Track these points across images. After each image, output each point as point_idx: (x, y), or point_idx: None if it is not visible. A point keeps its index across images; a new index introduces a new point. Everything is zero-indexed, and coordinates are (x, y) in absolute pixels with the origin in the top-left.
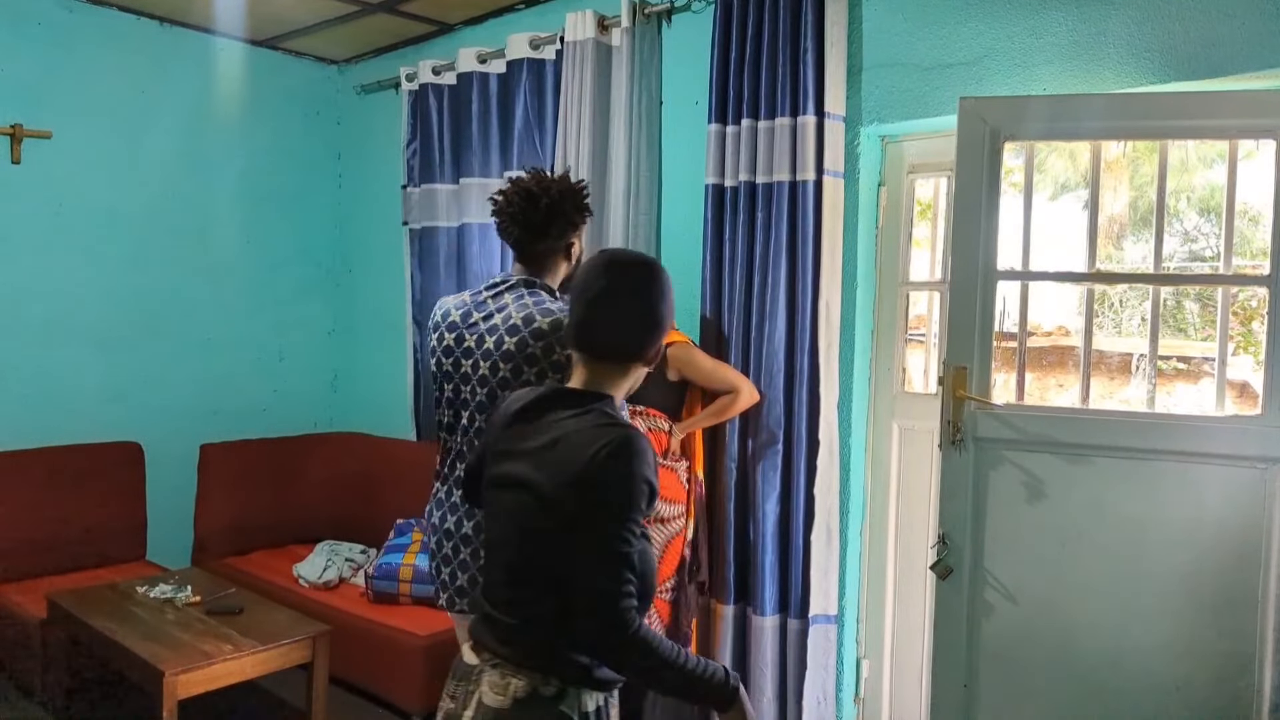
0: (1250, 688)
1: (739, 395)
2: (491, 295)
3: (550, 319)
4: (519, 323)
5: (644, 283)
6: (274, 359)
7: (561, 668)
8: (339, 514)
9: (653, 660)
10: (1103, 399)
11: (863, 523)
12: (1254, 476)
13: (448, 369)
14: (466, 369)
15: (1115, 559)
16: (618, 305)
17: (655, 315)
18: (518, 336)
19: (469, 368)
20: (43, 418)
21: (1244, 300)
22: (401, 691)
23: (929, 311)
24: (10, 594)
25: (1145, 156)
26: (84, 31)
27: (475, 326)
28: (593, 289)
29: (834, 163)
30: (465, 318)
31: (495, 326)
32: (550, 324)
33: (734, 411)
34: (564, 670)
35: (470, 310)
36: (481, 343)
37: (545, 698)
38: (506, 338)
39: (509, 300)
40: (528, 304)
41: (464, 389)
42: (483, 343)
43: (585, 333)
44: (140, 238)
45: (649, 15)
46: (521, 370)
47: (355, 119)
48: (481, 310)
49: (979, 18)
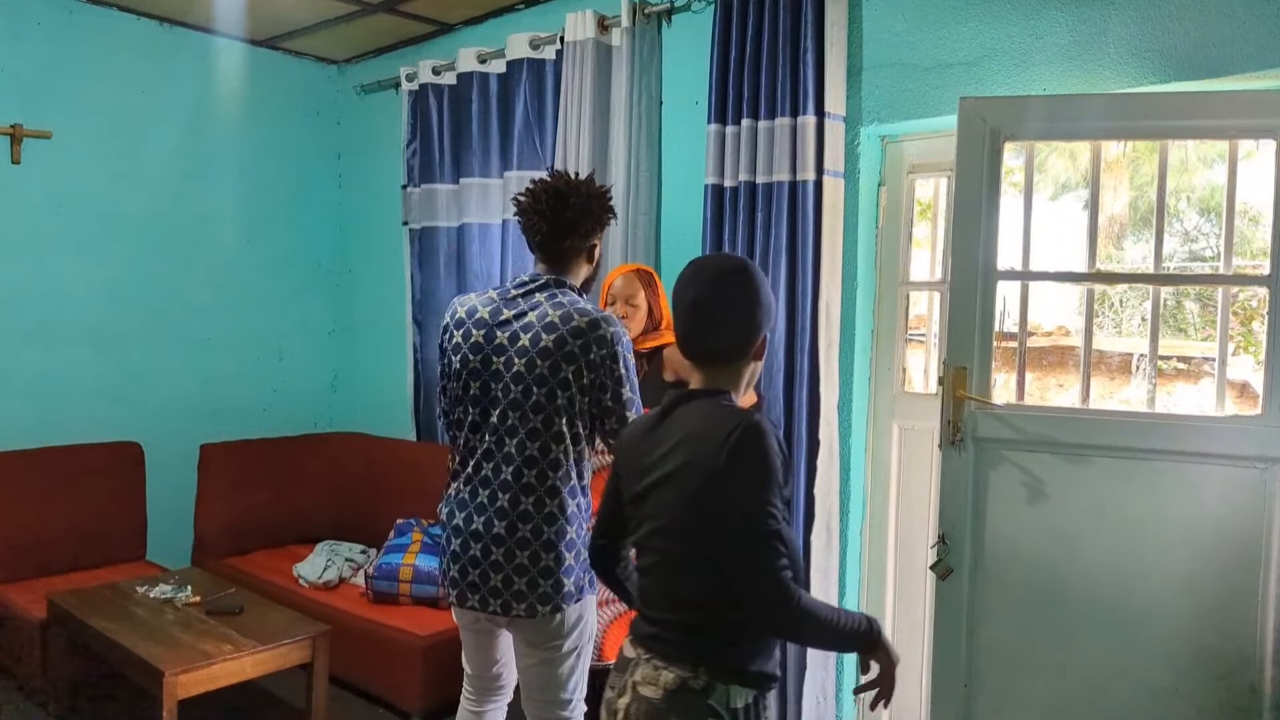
0: (1250, 688)
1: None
2: (522, 294)
3: (588, 319)
4: (556, 320)
5: (732, 286)
6: (274, 359)
7: (710, 662)
8: (339, 514)
9: (816, 625)
10: (1103, 399)
11: (863, 523)
12: (1254, 476)
13: (475, 366)
14: (499, 365)
15: (1115, 559)
16: (713, 313)
17: (749, 316)
18: (556, 334)
19: (501, 364)
20: (43, 418)
21: (1244, 300)
22: (401, 691)
23: (929, 311)
24: (10, 594)
25: (1145, 156)
26: (84, 31)
27: (508, 324)
28: (686, 300)
29: (834, 163)
30: (495, 315)
31: (531, 324)
32: (588, 323)
33: None
34: (713, 665)
35: (500, 308)
36: (516, 340)
37: (694, 690)
38: (544, 335)
39: (541, 299)
40: (563, 303)
41: (494, 386)
42: (517, 340)
43: (691, 344)
44: (140, 238)
45: (649, 15)
46: (560, 367)
47: (355, 119)
48: (512, 308)
49: (979, 18)
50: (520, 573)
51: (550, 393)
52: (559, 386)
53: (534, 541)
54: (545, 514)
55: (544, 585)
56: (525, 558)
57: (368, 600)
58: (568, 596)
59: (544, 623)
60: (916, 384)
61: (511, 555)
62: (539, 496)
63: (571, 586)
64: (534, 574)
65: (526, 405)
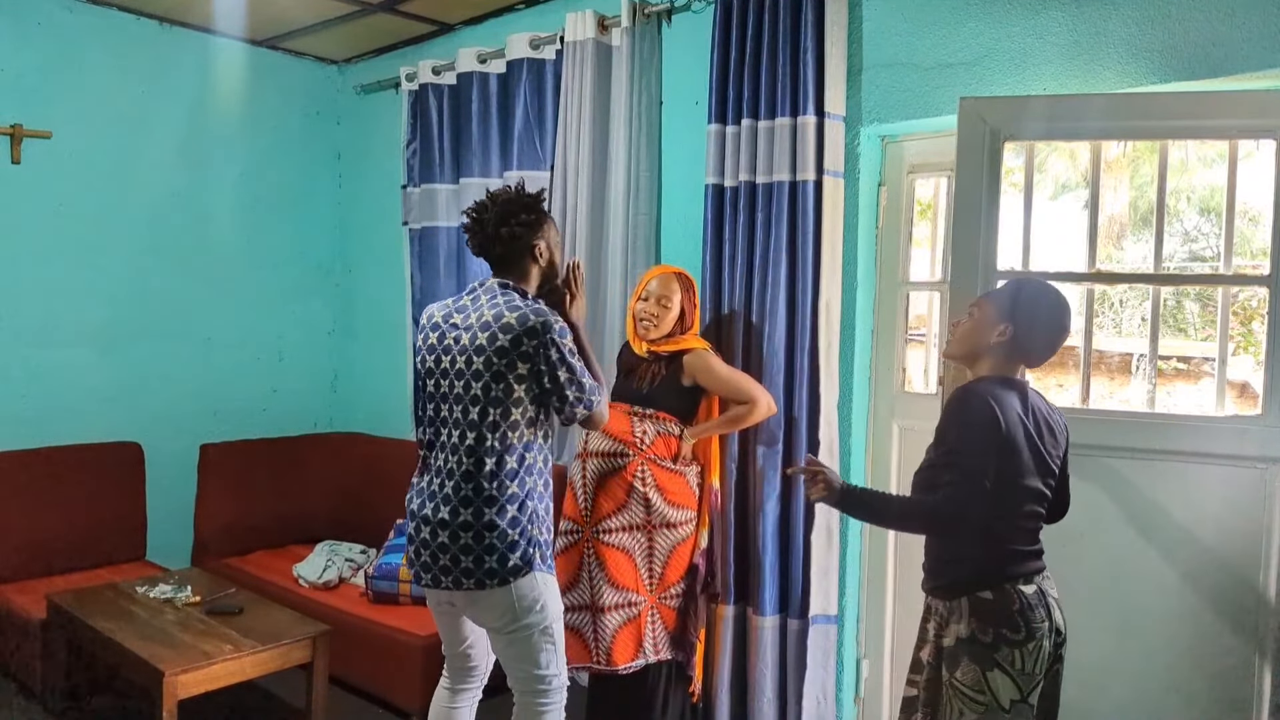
0: (1250, 688)
1: (756, 406)
2: (470, 298)
3: (517, 314)
4: (490, 319)
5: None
6: (274, 359)
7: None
8: (339, 514)
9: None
10: (1103, 399)
11: (863, 523)
12: (1254, 476)
13: (430, 365)
14: (446, 364)
15: (1115, 559)
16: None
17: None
18: (489, 332)
19: (448, 363)
20: (43, 418)
21: (1244, 300)
22: (401, 691)
23: (929, 311)
24: (10, 594)
25: (1145, 156)
26: (84, 31)
27: (455, 326)
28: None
29: (834, 163)
30: (447, 318)
31: (470, 324)
32: (517, 319)
33: (749, 422)
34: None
35: (451, 312)
36: (459, 339)
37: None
38: (479, 334)
39: (484, 301)
40: (499, 303)
41: (444, 383)
42: (459, 339)
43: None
44: (140, 237)
45: (649, 15)
46: (492, 362)
47: (355, 119)
48: (461, 312)
49: (979, 18)
50: (466, 551)
51: (485, 386)
52: (492, 380)
53: (476, 524)
54: (485, 497)
55: (489, 561)
56: (470, 538)
57: (367, 600)
58: (514, 570)
59: (496, 597)
60: (916, 384)
61: (456, 537)
62: (478, 482)
63: (518, 560)
64: (478, 551)
65: (466, 398)
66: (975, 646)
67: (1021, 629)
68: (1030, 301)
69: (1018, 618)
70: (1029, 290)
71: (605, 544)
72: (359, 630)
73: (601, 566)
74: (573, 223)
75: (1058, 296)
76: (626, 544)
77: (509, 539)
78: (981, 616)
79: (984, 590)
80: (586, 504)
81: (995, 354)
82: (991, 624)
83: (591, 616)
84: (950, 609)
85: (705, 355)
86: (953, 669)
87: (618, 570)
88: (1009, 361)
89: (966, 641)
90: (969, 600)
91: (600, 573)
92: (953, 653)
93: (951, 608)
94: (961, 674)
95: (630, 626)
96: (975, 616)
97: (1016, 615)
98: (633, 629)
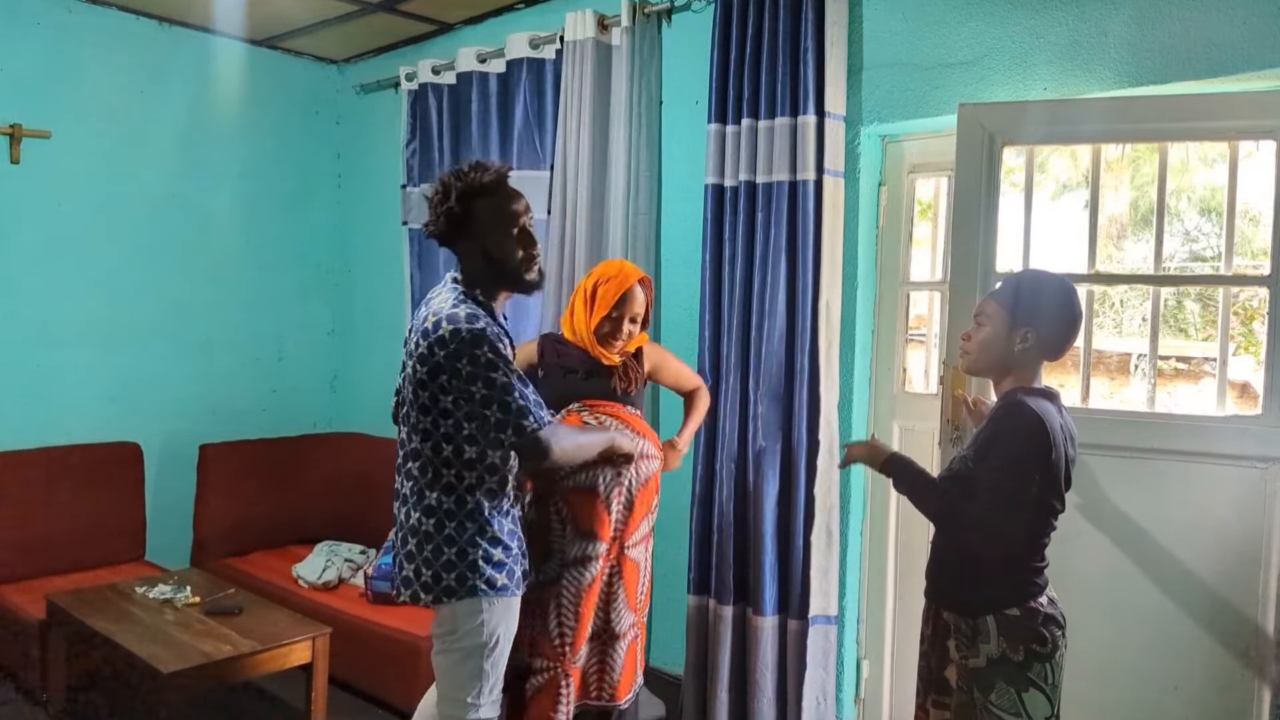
0: (1250, 687)
1: (704, 389)
2: (427, 301)
3: (437, 318)
4: (429, 327)
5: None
6: (274, 359)
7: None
8: (338, 514)
9: None
10: (1103, 399)
11: (863, 523)
12: (1254, 476)
13: (402, 365)
14: (405, 366)
15: (1115, 558)
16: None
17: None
18: (427, 341)
19: (407, 365)
20: (43, 418)
21: (1244, 300)
22: (401, 692)
23: (929, 311)
24: (10, 594)
25: (1146, 157)
26: (84, 31)
27: (414, 329)
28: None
29: (834, 162)
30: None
31: (415, 327)
32: (434, 324)
33: (707, 403)
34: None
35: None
36: (409, 342)
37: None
38: (421, 340)
39: (433, 301)
40: (435, 308)
41: (404, 385)
42: (409, 342)
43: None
44: (140, 238)
45: (649, 15)
46: (418, 368)
47: (355, 119)
48: (419, 315)
49: (979, 18)
50: (409, 559)
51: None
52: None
53: (413, 537)
54: (424, 506)
55: (425, 575)
56: (413, 545)
57: (367, 601)
58: (447, 590)
59: (437, 612)
60: (916, 384)
61: (405, 542)
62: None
63: (453, 581)
64: (418, 562)
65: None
66: (1008, 667)
67: (1048, 641)
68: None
69: (1043, 631)
70: (1029, 285)
71: (630, 558)
72: (359, 630)
73: (624, 586)
74: (572, 223)
75: (1060, 283)
76: (640, 556)
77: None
78: (1010, 635)
79: (1011, 608)
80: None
81: (1023, 363)
82: (1022, 641)
83: (600, 646)
84: (975, 628)
85: (658, 346)
86: (986, 692)
87: (631, 587)
88: (1037, 366)
89: (999, 662)
90: (995, 619)
91: (621, 593)
92: (985, 675)
93: (976, 626)
94: (996, 697)
95: (633, 649)
96: (1004, 636)
97: (1041, 629)
98: (634, 653)
